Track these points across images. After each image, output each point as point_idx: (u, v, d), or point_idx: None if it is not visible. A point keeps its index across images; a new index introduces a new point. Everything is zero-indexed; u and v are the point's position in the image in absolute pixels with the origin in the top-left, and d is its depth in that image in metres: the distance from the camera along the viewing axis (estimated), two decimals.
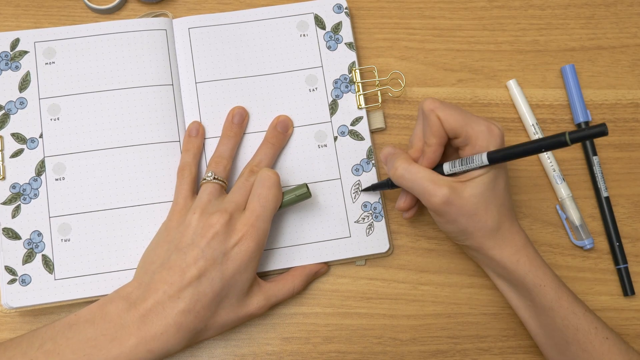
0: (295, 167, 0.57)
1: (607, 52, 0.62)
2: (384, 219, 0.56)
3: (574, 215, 0.58)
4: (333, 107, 0.58)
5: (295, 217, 0.56)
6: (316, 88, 0.58)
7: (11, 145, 0.56)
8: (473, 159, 0.48)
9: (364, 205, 0.56)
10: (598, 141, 0.60)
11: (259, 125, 0.57)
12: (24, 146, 0.56)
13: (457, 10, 0.62)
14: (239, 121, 0.56)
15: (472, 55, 0.61)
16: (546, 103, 0.61)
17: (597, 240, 0.58)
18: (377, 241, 0.56)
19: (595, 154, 0.59)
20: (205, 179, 0.53)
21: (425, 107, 0.49)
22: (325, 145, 0.57)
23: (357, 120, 0.58)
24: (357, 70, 0.59)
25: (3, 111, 0.56)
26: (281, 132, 0.56)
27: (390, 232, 0.57)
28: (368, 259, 0.57)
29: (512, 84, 0.60)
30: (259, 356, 0.56)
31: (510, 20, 0.62)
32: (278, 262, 0.55)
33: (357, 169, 0.57)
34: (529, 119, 0.59)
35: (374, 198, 0.57)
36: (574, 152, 0.60)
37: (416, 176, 0.49)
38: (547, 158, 0.58)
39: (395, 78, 0.60)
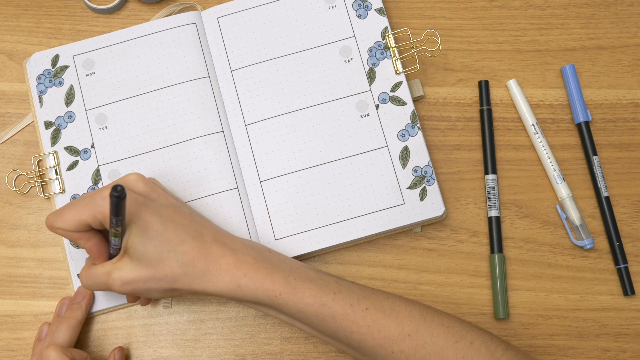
0: (340, 140, 0.57)
1: (607, 52, 0.62)
2: (436, 182, 0.56)
3: (574, 215, 0.58)
4: (371, 76, 0.58)
5: (348, 189, 0.56)
6: (351, 59, 0.58)
7: (66, 159, 0.57)
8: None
9: (415, 170, 0.56)
10: (598, 141, 0.60)
11: (299, 103, 0.57)
12: (77, 158, 0.57)
13: (457, 10, 0.62)
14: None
15: (472, 55, 0.61)
16: (546, 103, 0.61)
17: (597, 240, 0.58)
18: (432, 205, 0.56)
19: (595, 153, 0.59)
20: None
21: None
22: (368, 115, 0.57)
23: (397, 86, 0.58)
24: (391, 36, 0.58)
25: (54, 127, 0.57)
26: (78, 303, 0.54)
27: (444, 196, 0.57)
28: (424, 225, 0.57)
29: (512, 83, 0.60)
30: (259, 356, 0.56)
31: (510, 20, 0.62)
32: (336, 237, 0.55)
33: (403, 134, 0.57)
34: (529, 118, 0.59)
35: (423, 162, 0.56)
36: (574, 152, 0.60)
37: (96, 274, 0.48)
38: (547, 158, 0.58)
39: (431, 37, 0.59)
